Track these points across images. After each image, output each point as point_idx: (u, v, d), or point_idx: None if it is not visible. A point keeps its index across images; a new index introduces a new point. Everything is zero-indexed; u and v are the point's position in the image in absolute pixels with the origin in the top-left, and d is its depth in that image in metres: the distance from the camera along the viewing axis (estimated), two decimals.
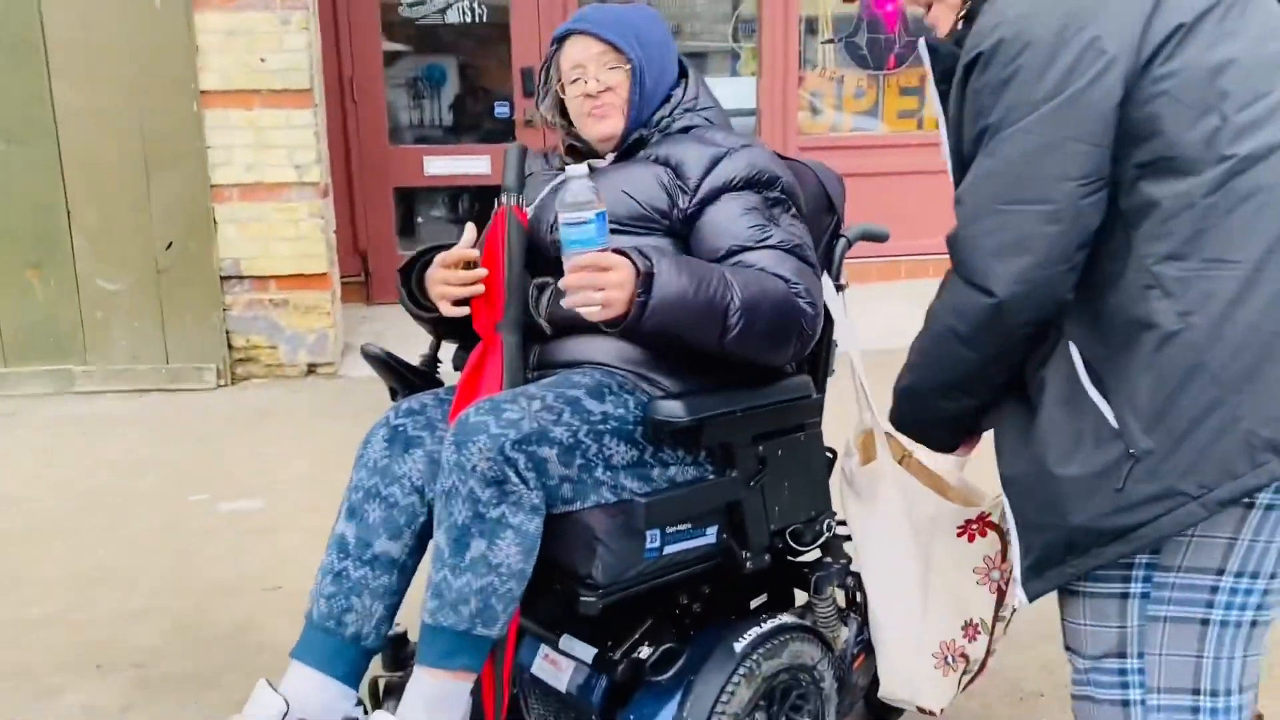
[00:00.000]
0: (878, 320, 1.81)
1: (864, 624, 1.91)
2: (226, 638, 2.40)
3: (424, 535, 1.65)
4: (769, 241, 1.68)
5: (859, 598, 1.93)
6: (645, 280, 1.50)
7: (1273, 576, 1.29)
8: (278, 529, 2.99)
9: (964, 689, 1.84)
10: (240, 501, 3.22)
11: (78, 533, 3.00)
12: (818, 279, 1.72)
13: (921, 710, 1.82)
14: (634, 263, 1.51)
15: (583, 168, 1.51)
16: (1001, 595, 1.79)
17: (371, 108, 5.47)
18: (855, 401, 1.86)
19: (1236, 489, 1.19)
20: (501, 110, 5.60)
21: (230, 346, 4.54)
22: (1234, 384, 1.19)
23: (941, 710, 1.80)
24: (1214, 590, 1.29)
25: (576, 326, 1.73)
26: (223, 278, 4.47)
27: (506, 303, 1.69)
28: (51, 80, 4.20)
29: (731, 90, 5.73)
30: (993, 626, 1.80)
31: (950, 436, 1.60)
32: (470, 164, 5.52)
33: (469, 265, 1.71)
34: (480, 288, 1.69)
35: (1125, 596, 1.33)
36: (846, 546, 1.90)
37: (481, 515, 1.48)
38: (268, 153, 4.40)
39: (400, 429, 1.67)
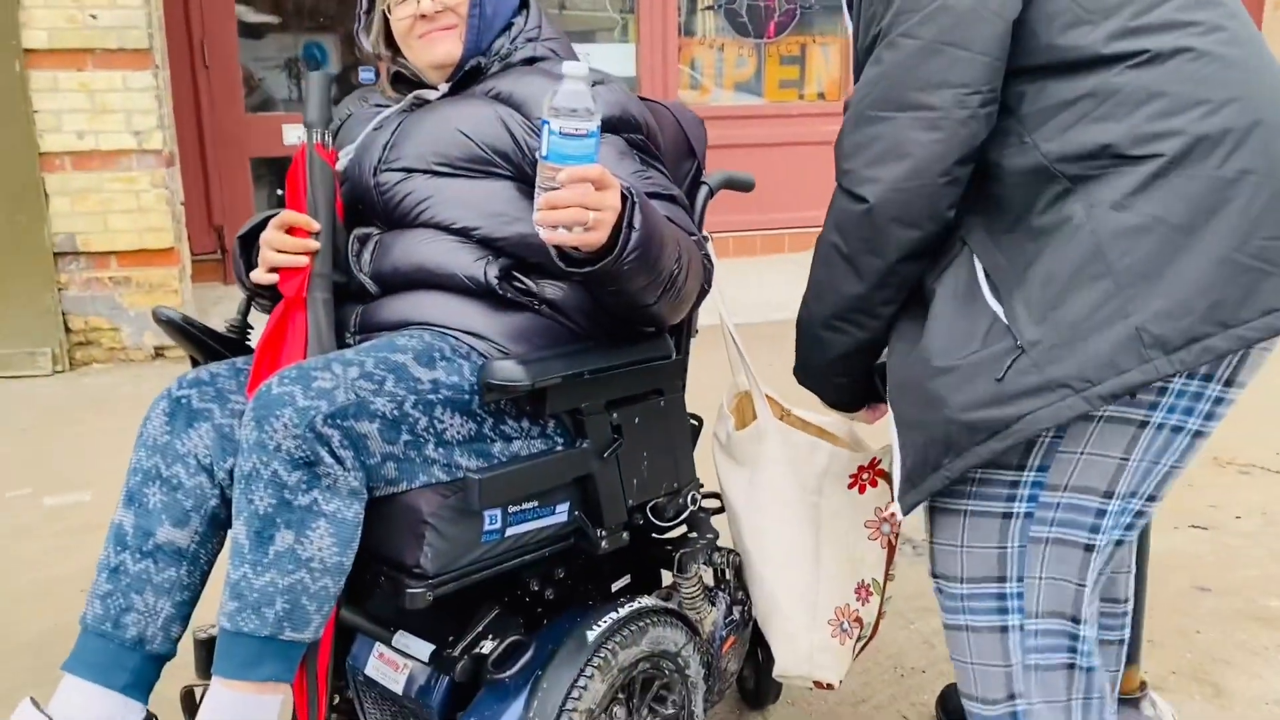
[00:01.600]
0: (762, 293, 1.68)
1: (734, 603, 1.76)
2: (32, 648, 2.13)
3: (216, 521, 1.42)
4: (654, 187, 1.51)
5: (728, 575, 1.78)
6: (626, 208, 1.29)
7: (1149, 499, 1.24)
8: (104, 524, 2.68)
9: (856, 656, 1.72)
10: (66, 495, 2.92)
11: None
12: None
13: (818, 685, 1.70)
14: None
15: (582, 67, 1.25)
16: (892, 550, 1.69)
17: (225, 73, 5.11)
18: (728, 364, 1.71)
19: (1120, 384, 1.14)
20: (367, 75, 5.30)
21: (67, 329, 4.17)
22: (1129, 278, 1.14)
23: (840, 682, 1.69)
24: (1100, 514, 1.23)
25: (403, 284, 1.54)
26: (56, 254, 4.10)
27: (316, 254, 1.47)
28: None
29: (609, 57, 5.55)
30: (884, 585, 1.70)
31: (848, 388, 1.50)
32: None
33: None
34: (305, 260, 1.47)
35: (1008, 516, 1.27)
36: (716, 521, 1.75)
37: (288, 502, 1.26)
38: (103, 118, 4.05)
39: (183, 401, 1.44)
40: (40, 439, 3.39)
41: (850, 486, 1.67)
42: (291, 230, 1.48)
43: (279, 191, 1.61)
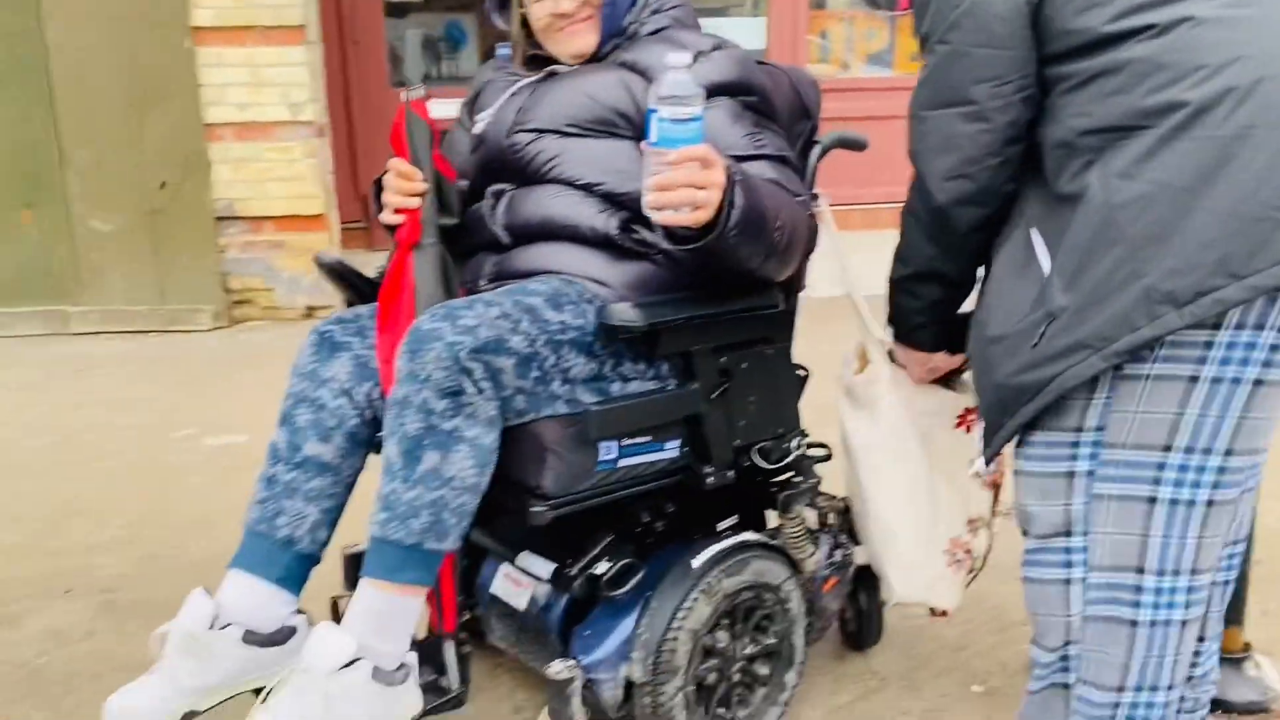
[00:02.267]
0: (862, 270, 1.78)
1: (836, 546, 1.85)
2: (198, 567, 2.36)
3: (355, 439, 1.59)
4: (764, 150, 1.61)
5: (831, 519, 1.86)
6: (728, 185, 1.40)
7: (1228, 453, 1.25)
8: (260, 463, 2.94)
9: (967, 588, 1.82)
10: (226, 437, 3.19)
11: (55, 467, 2.98)
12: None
13: (934, 613, 1.84)
14: None
15: (685, 57, 1.37)
16: (996, 489, 1.80)
17: (371, 49, 5.37)
18: (851, 315, 1.80)
19: (1135, 340, 1.22)
20: (504, 51, 5.48)
21: (227, 289, 4.50)
22: (1140, 241, 1.21)
23: (954, 610, 1.82)
24: (1160, 467, 1.27)
25: (533, 235, 1.67)
26: (218, 219, 4.42)
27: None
28: (42, 18, 4.13)
29: (740, 30, 5.60)
30: (990, 520, 1.80)
31: (933, 334, 1.63)
32: (449, 107, 5.40)
33: None
34: (415, 202, 1.62)
35: (1071, 475, 1.34)
36: (821, 469, 1.83)
37: (435, 427, 1.41)
38: (261, 90, 4.33)
39: (328, 334, 1.62)
40: (203, 387, 3.70)
41: (958, 426, 1.77)
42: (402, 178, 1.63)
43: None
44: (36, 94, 4.19)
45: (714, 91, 1.61)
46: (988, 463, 1.45)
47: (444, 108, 1.88)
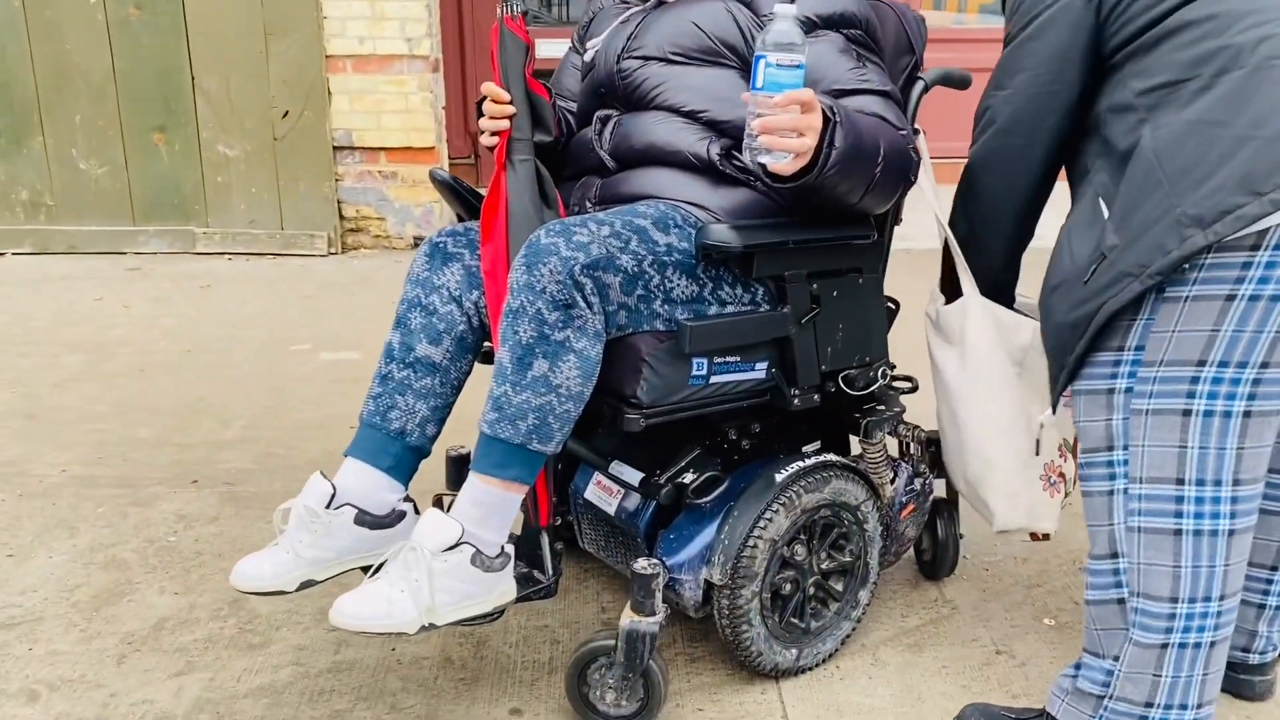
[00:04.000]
0: None
1: (915, 475, 1.91)
2: (311, 465, 2.53)
3: (463, 344, 1.70)
4: (868, 84, 1.66)
5: (913, 449, 1.92)
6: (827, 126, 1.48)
7: (1264, 365, 1.33)
8: (369, 378, 3.10)
9: (1061, 509, 1.87)
10: (338, 353, 3.37)
11: (184, 370, 3.20)
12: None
13: (1034, 537, 1.90)
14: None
15: (791, 7, 1.47)
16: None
17: None
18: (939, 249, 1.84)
19: (1166, 263, 1.32)
20: None
21: (341, 216, 4.69)
22: (1175, 177, 1.33)
23: (1054, 532, 1.86)
24: (1195, 381, 1.35)
25: (638, 160, 1.75)
26: (335, 148, 4.60)
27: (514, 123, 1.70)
28: None
29: None
30: (1074, 444, 1.81)
31: (994, 291, 1.76)
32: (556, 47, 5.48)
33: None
34: (505, 124, 1.70)
35: (1111, 391, 1.44)
36: (906, 400, 1.89)
37: (546, 336, 1.51)
38: (380, 24, 4.48)
39: (441, 245, 1.73)
40: (318, 306, 3.89)
41: None
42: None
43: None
44: (172, 22, 4.41)
45: (820, 24, 1.66)
46: (1054, 407, 1.55)
47: (552, 48, 1.95)
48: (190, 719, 1.66)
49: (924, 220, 1.84)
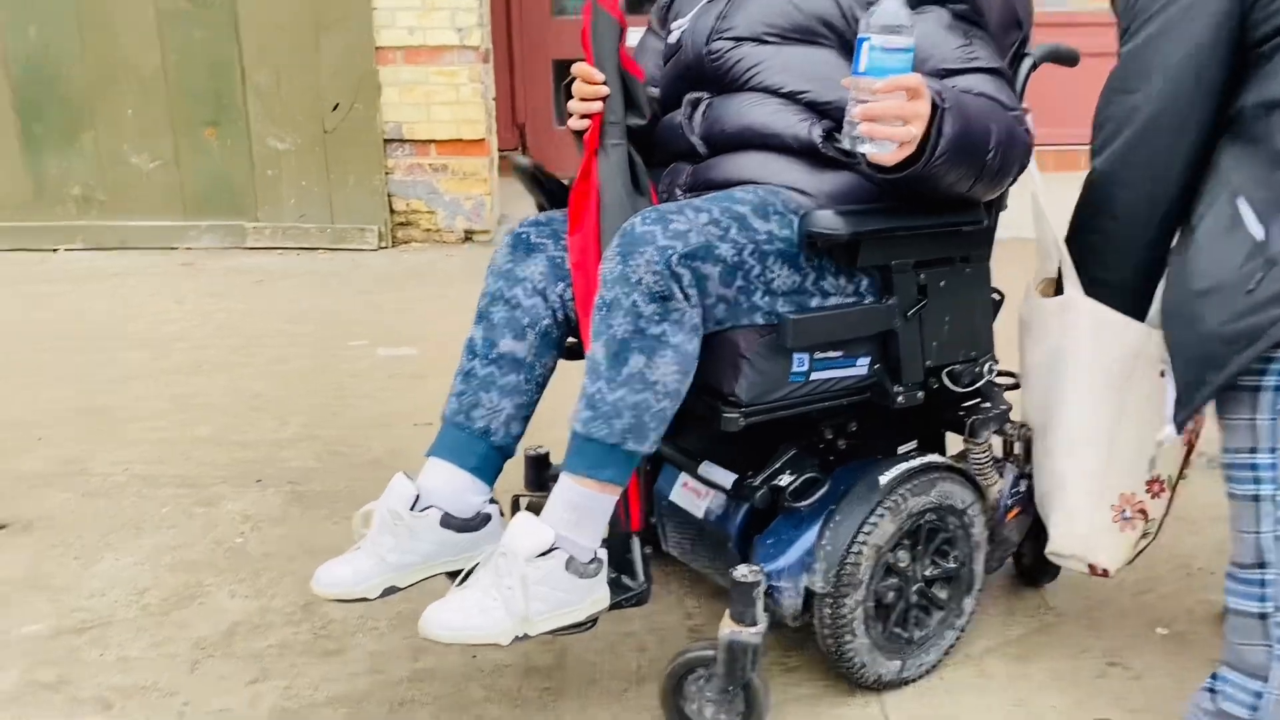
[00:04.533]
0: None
1: (1021, 476, 1.80)
2: (376, 464, 2.47)
3: (548, 338, 1.62)
4: (977, 63, 1.56)
5: (1018, 449, 1.82)
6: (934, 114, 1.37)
7: None
8: (429, 374, 3.05)
9: (1136, 555, 1.70)
10: (395, 349, 3.31)
11: (241, 367, 3.15)
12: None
13: (1092, 571, 1.69)
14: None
15: None
16: (1190, 449, 1.67)
17: None
18: (1036, 241, 1.73)
19: None
20: None
21: (392, 210, 4.64)
22: None
23: (1115, 571, 1.68)
24: None
25: (732, 144, 1.66)
26: (386, 141, 4.54)
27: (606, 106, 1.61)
28: None
29: None
30: (1176, 483, 1.67)
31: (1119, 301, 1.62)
32: (635, 36, 5.39)
33: None
34: (598, 106, 1.62)
35: (1258, 389, 1.33)
36: (1009, 397, 1.79)
37: (642, 331, 1.42)
38: (431, 15, 4.41)
39: (524, 236, 1.65)
40: (372, 301, 3.84)
41: (1163, 374, 1.59)
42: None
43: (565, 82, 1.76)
44: (224, 17, 4.37)
45: (924, 0, 1.57)
46: (1180, 427, 1.42)
47: (633, 35, 1.86)
48: None
49: (1015, 204, 1.73)
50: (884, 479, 1.60)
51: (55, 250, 4.52)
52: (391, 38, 4.43)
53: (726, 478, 1.68)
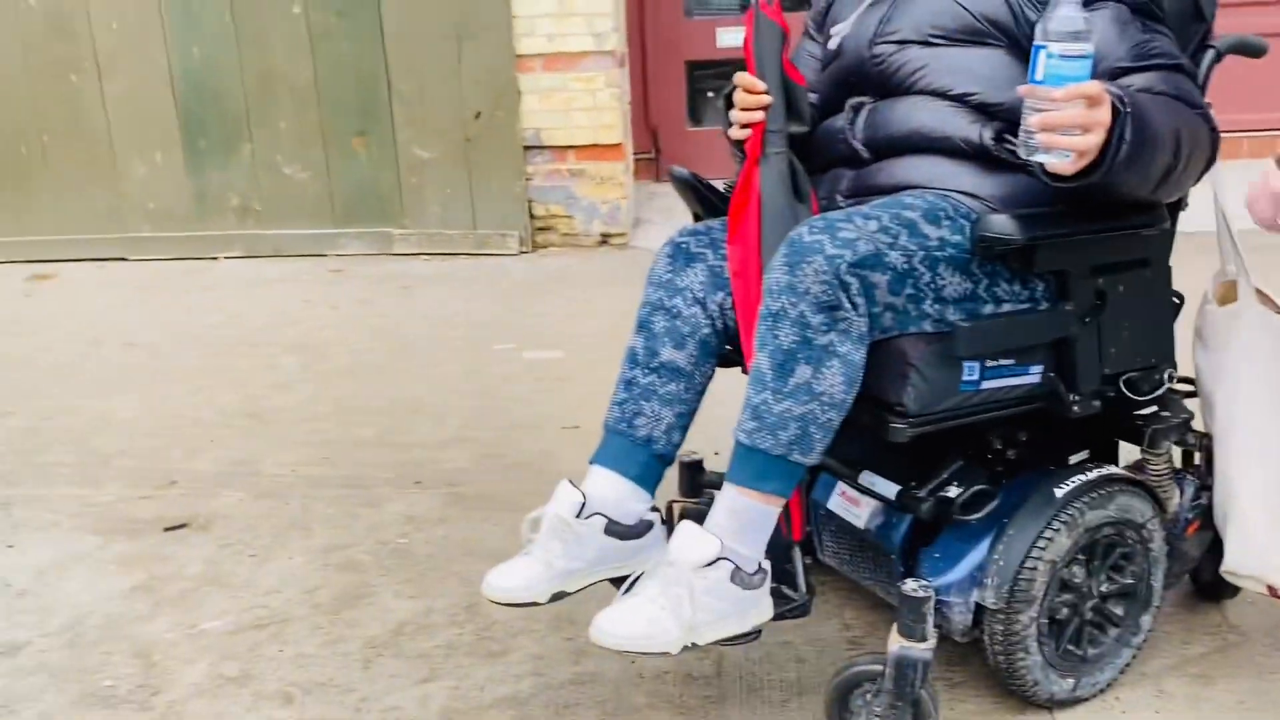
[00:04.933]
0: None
1: (1202, 488, 1.72)
2: (528, 466, 2.52)
3: (707, 347, 1.63)
4: (1156, 59, 1.50)
5: (1198, 459, 1.73)
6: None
7: None
8: (574, 377, 3.10)
9: None
10: (540, 352, 3.37)
11: (396, 371, 3.26)
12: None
13: (1271, 593, 1.61)
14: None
15: None
16: None
17: None
18: (1216, 246, 1.65)
19: None
20: None
21: (532, 215, 4.71)
22: None
23: None
24: None
25: (897, 149, 1.63)
26: (525, 147, 4.62)
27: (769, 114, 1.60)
28: None
29: None
30: None
31: None
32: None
33: None
34: (759, 115, 1.61)
35: None
36: (1189, 404, 1.71)
37: (809, 341, 1.41)
38: (568, 21, 4.46)
39: (683, 246, 1.66)
40: (515, 305, 3.91)
41: None
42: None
43: (720, 91, 1.76)
44: (370, 30, 4.51)
45: None
46: None
47: None
48: None
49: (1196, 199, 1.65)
50: (1060, 492, 1.55)
51: (216, 258, 4.76)
52: (531, 45, 4.50)
53: (889, 488, 1.66)
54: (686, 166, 1.82)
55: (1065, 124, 1.30)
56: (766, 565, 1.50)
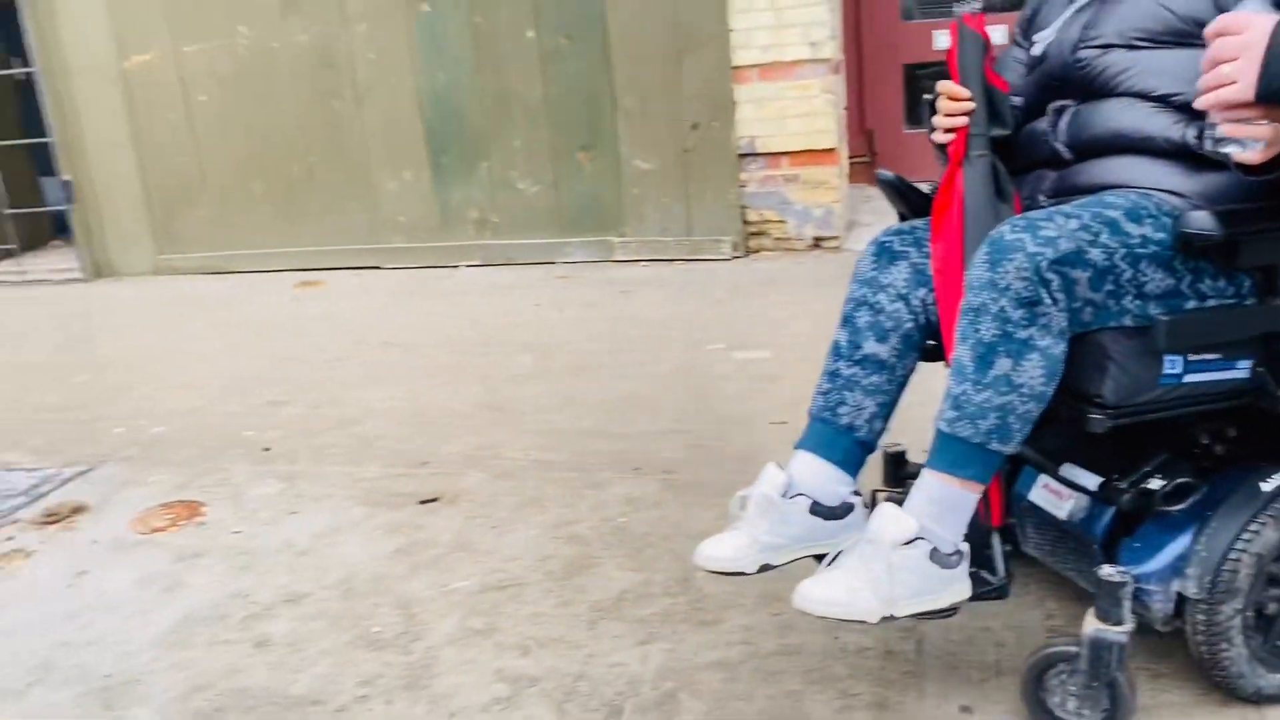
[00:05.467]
0: None
1: None
2: (738, 457, 2.67)
3: (910, 341, 1.72)
4: None
5: None
6: None
7: None
8: (782, 376, 3.23)
9: None
10: (751, 352, 3.52)
11: (615, 367, 3.49)
12: None
13: None
14: None
15: None
16: None
17: None
18: None
19: None
20: None
21: (744, 221, 4.88)
22: None
23: None
24: None
25: (1100, 150, 1.68)
26: (740, 155, 4.79)
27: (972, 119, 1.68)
28: None
29: None
30: None
31: None
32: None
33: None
34: (962, 121, 1.69)
35: None
36: None
37: (1010, 335, 1.49)
38: (784, 32, 4.60)
39: (887, 244, 1.75)
40: (727, 308, 4.09)
41: None
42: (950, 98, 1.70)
43: (925, 96, 1.83)
44: (596, 50, 4.82)
45: None
46: None
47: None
48: (658, 684, 1.82)
49: None
50: (1267, 486, 1.55)
51: (457, 267, 5.19)
52: (747, 57, 4.67)
53: (1091, 480, 1.70)
54: (903, 168, 1.92)
55: (1240, 108, 1.31)
56: (964, 548, 1.58)
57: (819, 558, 1.69)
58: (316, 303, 4.82)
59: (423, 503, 2.60)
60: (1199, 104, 1.37)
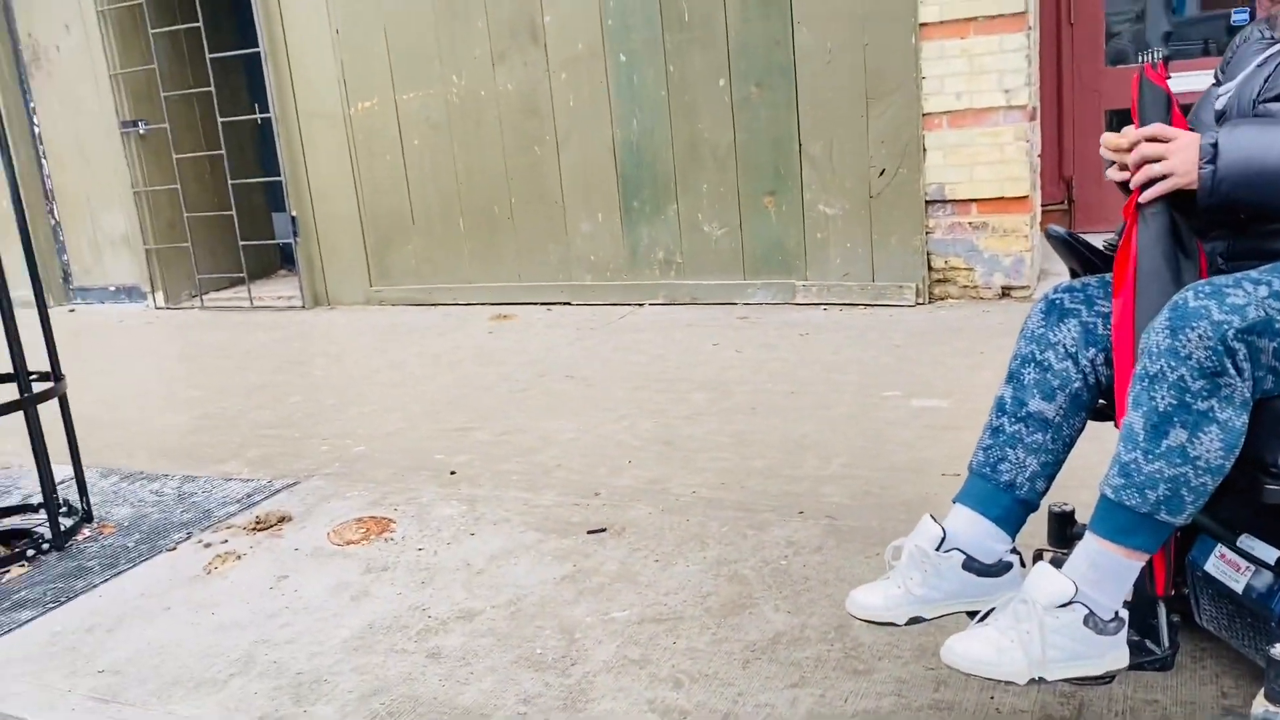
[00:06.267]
0: None
1: None
2: (906, 506, 2.66)
3: (1078, 401, 1.69)
4: None
5: None
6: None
7: None
8: (960, 426, 3.18)
9: None
10: (928, 400, 3.47)
11: (788, 409, 3.52)
12: None
13: None
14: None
15: None
16: None
17: (1088, 27, 5.29)
18: None
19: None
20: (1240, 17, 5.02)
21: (930, 267, 4.82)
22: None
23: None
24: None
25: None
26: (927, 202, 4.75)
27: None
28: (794, 26, 4.80)
29: None
30: None
31: None
32: (1194, 80, 5.06)
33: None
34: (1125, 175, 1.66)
35: None
36: None
37: (1187, 405, 1.45)
38: (978, 79, 4.54)
39: (1057, 302, 1.73)
40: (907, 355, 4.04)
41: None
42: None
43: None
44: (786, 97, 4.89)
45: None
46: None
47: (1182, 81, 1.88)
48: None
49: None
50: None
51: (641, 304, 5.35)
52: (938, 104, 4.63)
53: (1271, 553, 1.62)
54: (1104, 216, 1.90)
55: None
56: (1124, 615, 1.54)
57: (973, 614, 1.68)
58: (508, 335, 5.07)
59: (591, 532, 2.71)
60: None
